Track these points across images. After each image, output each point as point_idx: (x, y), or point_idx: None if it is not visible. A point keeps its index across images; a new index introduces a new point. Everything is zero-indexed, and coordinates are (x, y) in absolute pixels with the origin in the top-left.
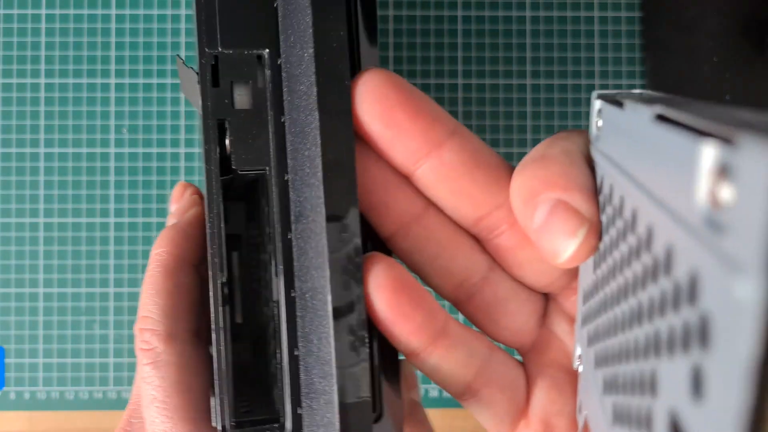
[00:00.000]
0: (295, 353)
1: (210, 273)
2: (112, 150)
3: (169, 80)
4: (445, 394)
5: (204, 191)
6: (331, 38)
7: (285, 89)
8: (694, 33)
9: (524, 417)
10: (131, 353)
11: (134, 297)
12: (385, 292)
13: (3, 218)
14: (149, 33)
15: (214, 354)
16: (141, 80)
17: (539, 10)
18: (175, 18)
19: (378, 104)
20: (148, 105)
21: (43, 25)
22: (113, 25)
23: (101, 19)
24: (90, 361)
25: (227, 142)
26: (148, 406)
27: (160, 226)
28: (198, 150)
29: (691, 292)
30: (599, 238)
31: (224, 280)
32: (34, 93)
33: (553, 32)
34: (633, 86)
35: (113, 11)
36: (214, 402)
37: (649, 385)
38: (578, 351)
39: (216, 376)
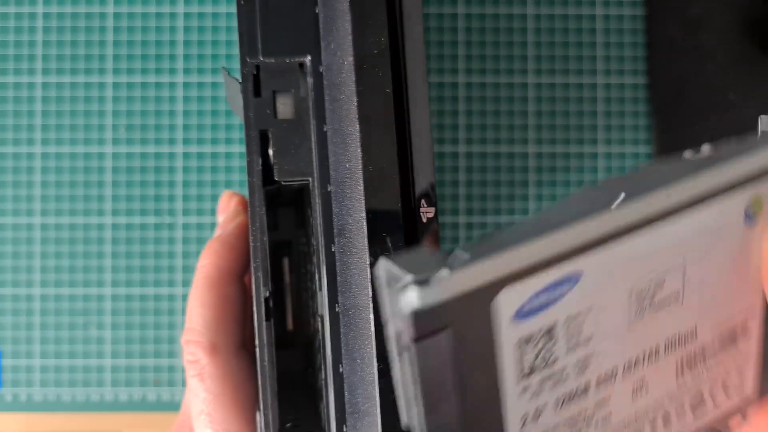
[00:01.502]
0: (340, 370)
1: (254, 287)
2: (109, 149)
3: (166, 78)
4: None
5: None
6: (371, 45)
7: (327, 98)
8: (699, 31)
9: None
10: (128, 354)
11: (131, 298)
12: None
13: None
14: (147, 31)
15: (258, 369)
16: (138, 79)
17: (541, 7)
18: (173, 16)
19: None
20: (146, 104)
21: (39, 24)
22: (110, 23)
23: (98, 17)
24: (87, 363)
25: (270, 152)
26: (197, 418)
27: (158, 226)
28: (197, 150)
29: None
30: None
31: (268, 294)
32: (31, 92)
33: (555, 30)
34: (636, 85)
35: (111, 9)
36: (258, 417)
37: None
38: None
39: (260, 392)
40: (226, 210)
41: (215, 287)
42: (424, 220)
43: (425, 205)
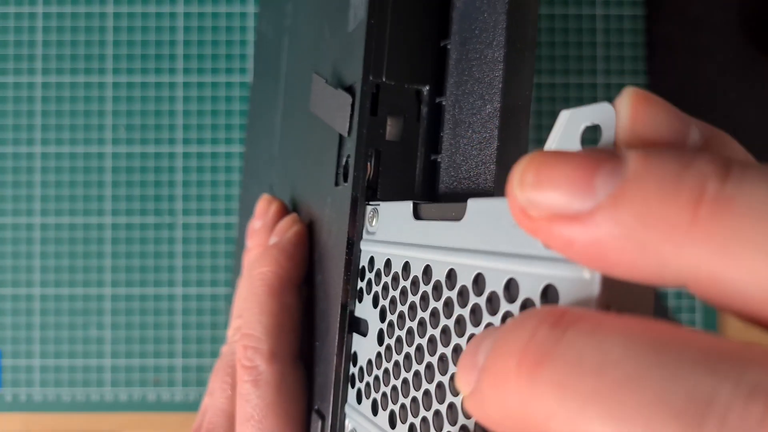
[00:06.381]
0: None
1: (341, 297)
2: (109, 149)
3: (166, 79)
4: None
5: (326, 212)
6: (517, 97)
7: (447, 132)
8: (699, 31)
9: None
10: (128, 354)
11: (131, 298)
12: None
13: None
14: (146, 31)
15: (332, 378)
16: (138, 78)
17: (541, 7)
18: (173, 16)
19: None
20: (145, 103)
21: (39, 24)
22: (110, 23)
23: (98, 17)
24: (87, 363)
25: (370, 169)
26: (244, 423)
27: (157, 226)
28: (196, 150)
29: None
30: None
31: (354, 308)
32: (31, 91)
33: (555, 30)
34: (636, 86)
35: (110, 9)
36: (321, 425)
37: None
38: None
39: (331, 399)
40: (264, 215)
41: (276, 295)
42: None
43: None
